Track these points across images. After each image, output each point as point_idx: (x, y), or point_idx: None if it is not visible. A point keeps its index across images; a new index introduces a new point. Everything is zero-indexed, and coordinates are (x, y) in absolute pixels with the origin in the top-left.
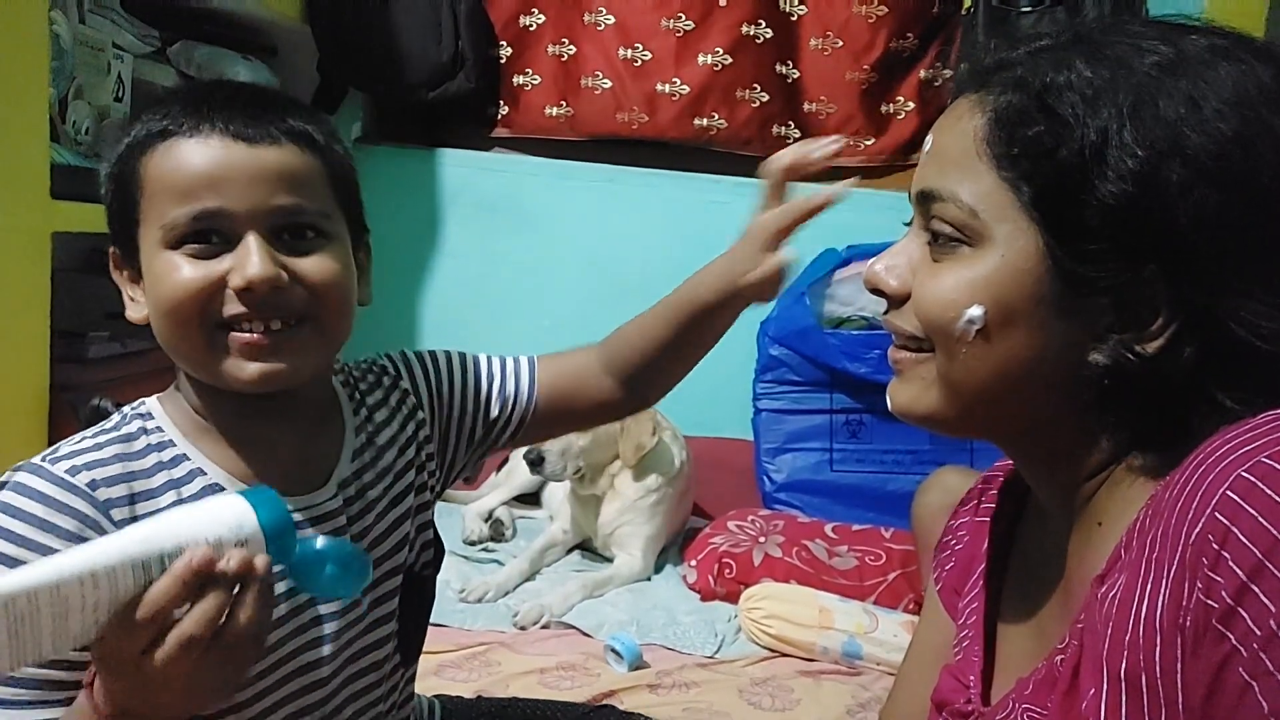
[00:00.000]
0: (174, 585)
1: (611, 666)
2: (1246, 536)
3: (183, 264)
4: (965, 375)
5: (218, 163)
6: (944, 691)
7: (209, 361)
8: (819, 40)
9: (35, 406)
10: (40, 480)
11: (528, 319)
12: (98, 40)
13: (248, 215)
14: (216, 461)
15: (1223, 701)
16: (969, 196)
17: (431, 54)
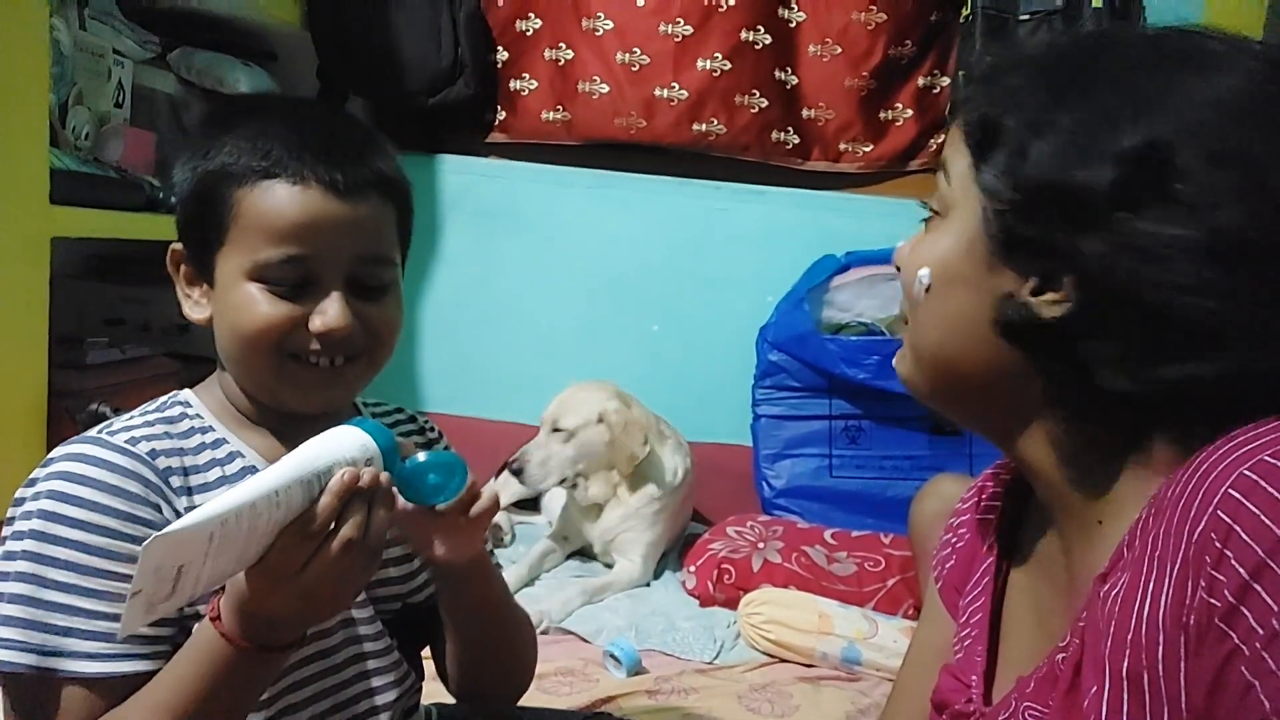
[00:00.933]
0: (335, 500)
1: (610, 672)
2: (1249, 535)
3: (264, 299)
4: (919, 337)
5: (313, 214)
6: (944, 691)
7: (273, 386)
8: (818, 47)
9: (34, 412)
10: (103, 449)
11: (526, 324)
12: (98, 46)
13: (334, 265)
14: (253, 446)
15: (1225, 700)
16: (954, 171)
17: (430, 60)
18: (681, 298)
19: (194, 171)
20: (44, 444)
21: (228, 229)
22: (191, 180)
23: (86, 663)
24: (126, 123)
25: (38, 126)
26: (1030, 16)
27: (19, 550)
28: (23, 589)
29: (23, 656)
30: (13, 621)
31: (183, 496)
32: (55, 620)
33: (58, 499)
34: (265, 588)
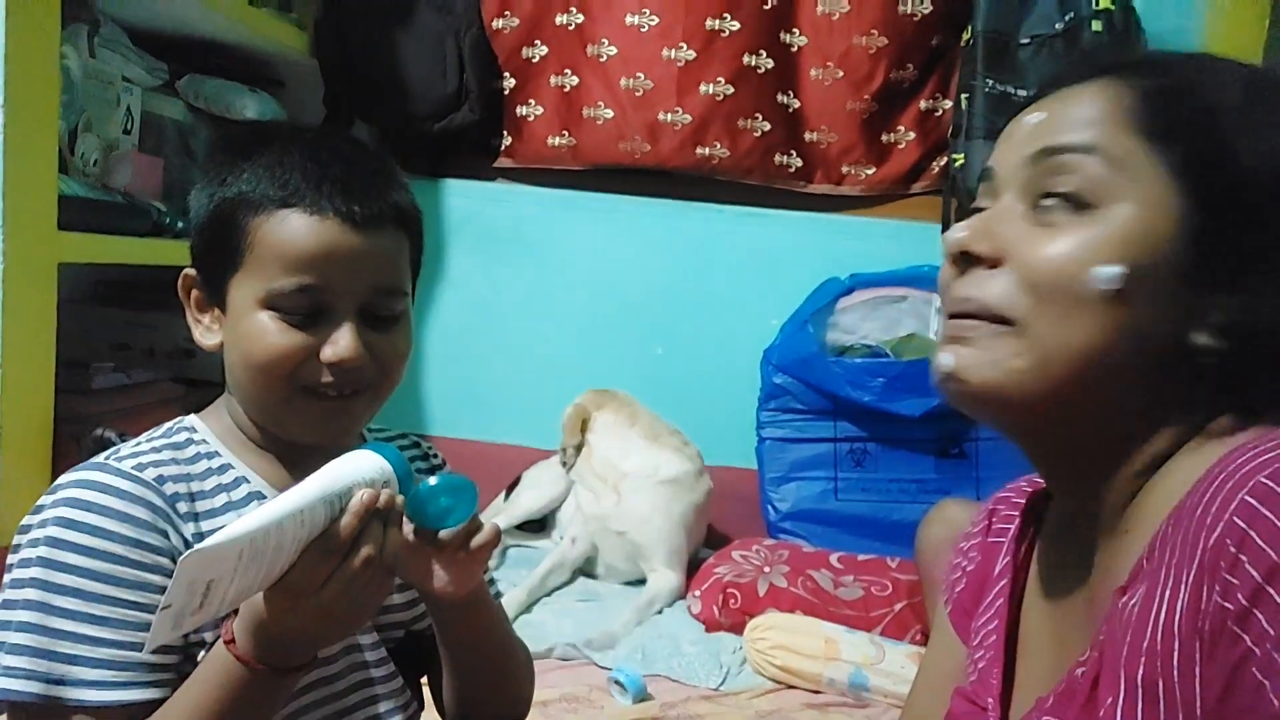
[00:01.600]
0: (356, 519)
1: (615, 699)
2: (1263, 540)
3: (276, 328)
4: (1073, 342)
5: (329, 245)
6: (957, 716)
7: (282, 417)
8: (819, 70)
9: (39, 437)
10: (110, 476)
11: (531, 347)
12: (107, 74)
13: (348, 296)
14: (259, 473)
15: (1236, 702)
16: (1114, 148)
17: (436, 86)
18: (686, 320)
19: (211, 198)
20: (50, 468)
21: (243, 256)
22: (208, 206)
23: (93, 691)
24: (135, 149)
25: (47, 153)
26: (1031, 40)
27: (27, 578)
28: (31, 617)
29: (30, 685)
30: (21, 650)
31: (189, 523)
32: (63, 648)
33: (65, 526)
34: (285, 606)
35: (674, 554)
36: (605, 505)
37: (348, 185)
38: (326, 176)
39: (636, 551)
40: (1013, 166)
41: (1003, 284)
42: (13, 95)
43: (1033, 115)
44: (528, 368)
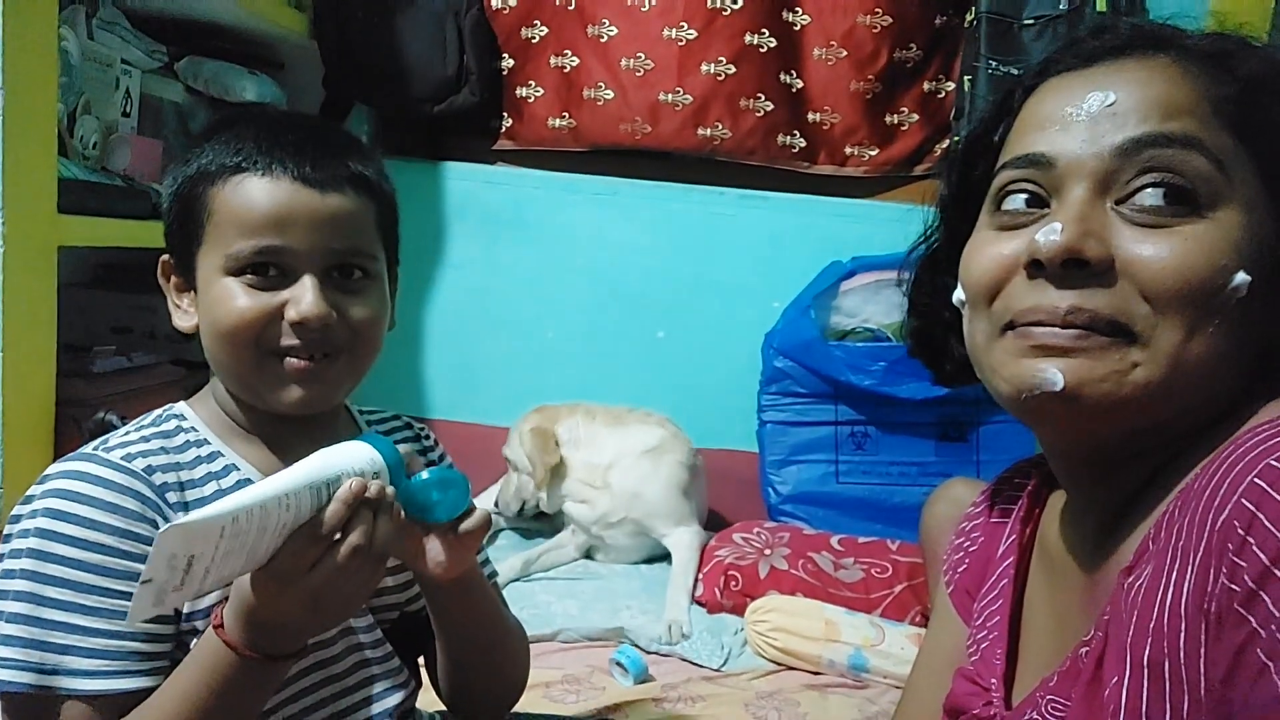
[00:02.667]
0: (343, 507)
1: (616, 680)
2: (1271, 522)
3: (241, 293)
4: (1202, 352)
5: (285, 205)
6: (959, 697)
7: (255, 383)
8: (823, 50)
9: (41, 420)
10: (99, 466)
11: (531, 330)
12: (106, 56)
13: (307, 255)
14: (248, 459)
15: (1241, 682)
16: (1213, 145)
17: (436, 68)
18: (687, 304)
19: (175, 180)
20: (51, 451)
21: (204, 228)
22: (173, 188)
23: (87, 680)
24: (134, 131)
25: (46, 135)
26: (1035, 21)
27: (17, 569)
28: (22, 608)
29: (23, 675)
30: (13, 641)
31: (179, 512)
32: (55, 638)
33: (55, 517)
34: (273, 590)
35: (679, 514)
36: (600, 506)
37: (301, 148)
38: (280, 142)
39: (641, 527)
40: (1087, 156)
41: (1120, 293)
42: (11, 78)
43: (1097, 94)
44: (528, 351)
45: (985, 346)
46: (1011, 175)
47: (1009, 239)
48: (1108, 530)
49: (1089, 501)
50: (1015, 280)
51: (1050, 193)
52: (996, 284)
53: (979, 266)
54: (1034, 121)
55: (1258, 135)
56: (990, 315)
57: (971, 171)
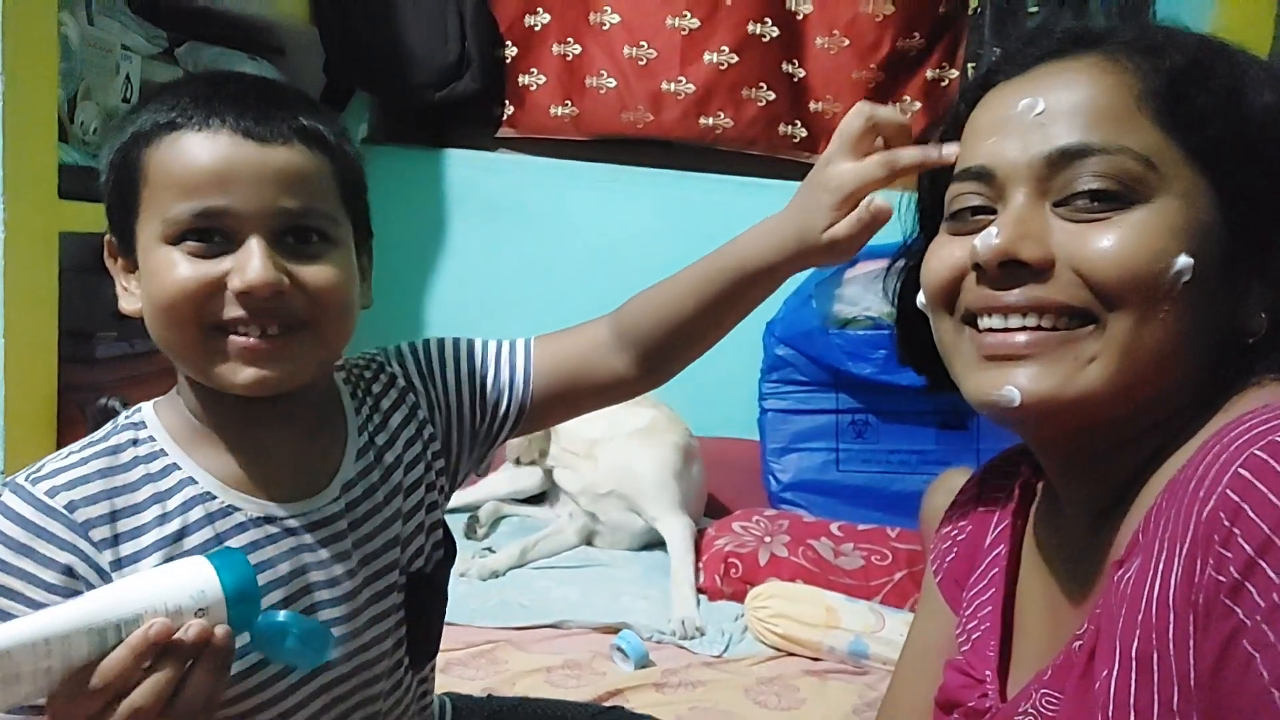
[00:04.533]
0: (129, 656)
1: (617, 665)
2: (1256, 513)
3: (181, 261)
4: (1156, 339)
5: (225, 160)
6: (952, 690)
7: (203, 364)
8: (825, 39)
9: (44, 406)
10: (20, 502)
11: (533, 319)
12: (106, 41)
13: (252, 216)
14: (210, 469)
15: (1229, 673)
16: (1140, 147)
17: (437, 55)
18: None
19: (110, 149)
20: (54, 437)
21: (139, 194)
22: (108, 159)
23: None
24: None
25: (46, 121)
26: (1039, 7)
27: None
28: None
29: None
30: None
31: (106, 550)
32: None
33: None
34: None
35: (670, 498)
36: (586, 476)
37: (242, 99)
38: (218, 95)
39: (630, 504)
40: (1021, 165)
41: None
42: (11, 64)
43: (1026, 101)
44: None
45: (951, 348)
46: (959, 188)
47: (959, 243)
48: (1098, 523)
49: (1077, 495)
50: (967, 280)
51: (995, 200)
52: (952, 284)
53: (933, 271)
54: (975, 133)
55: (1186, 126)
56: (950, 316)
57: (937, 183)
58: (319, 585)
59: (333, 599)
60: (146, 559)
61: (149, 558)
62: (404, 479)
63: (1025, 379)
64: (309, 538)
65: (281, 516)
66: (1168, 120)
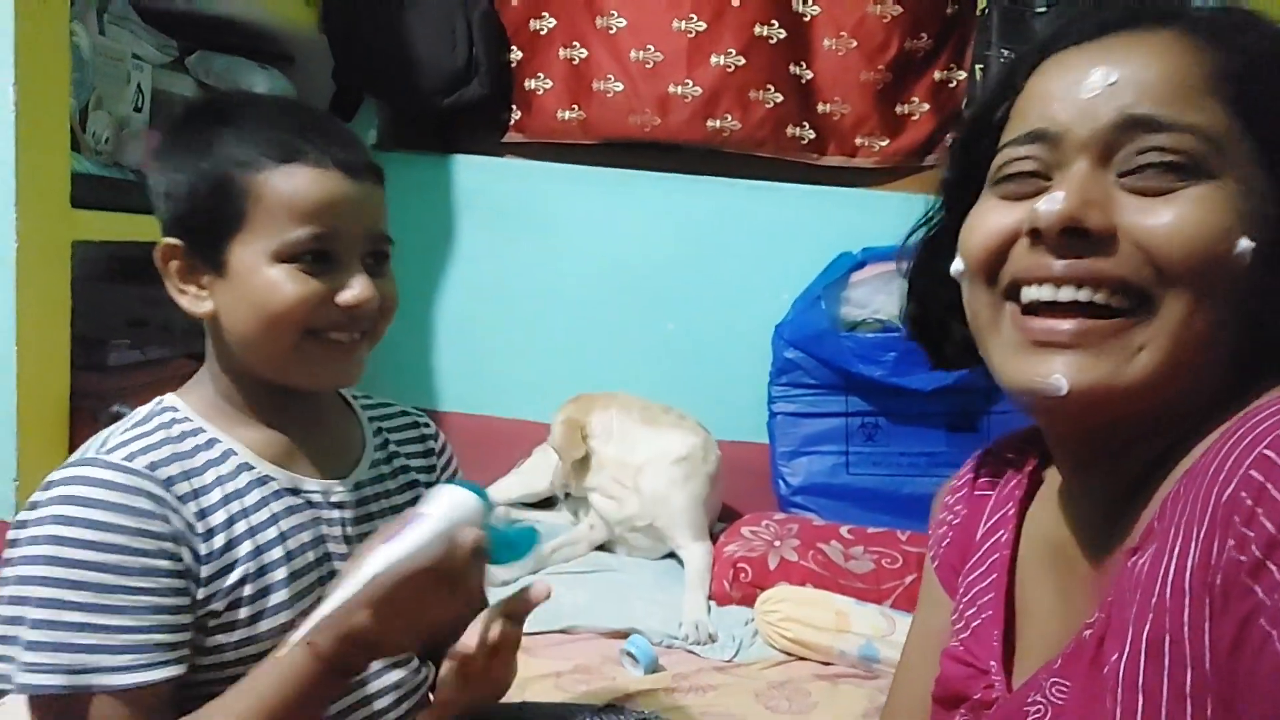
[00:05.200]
0: (467, 554)
1: (627, 670)
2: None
3: (293, 279)
4: (1206, 325)
5: (333, 194)
6: (955, 681)
7: (291, 362)
8: (833, 40)
9: (56, 413)
10: (103, 470)
11: (540, 323)
12: (117, 51)
13: (351, 242)
14: (245, 443)
15: (1245, 652)
16: (1209, 128)
17: (445, 61)
18: (697, 296)
19: (195, 168)
20: (66, 445)
21: (245, 215)
22: (193, 175)
23: (119, 675)
24: (146, 127)
25: (58, 131)
26: (1047, 8)
27: (34, 576)
28: (44, 614)
29: (56, 678)
30: (40, 646)
31: (189, 502)
32: (81, 639)
33: (64, 523)
34: (388, 617)
35: (697, 528)
36: (628, 507)
37: (340, 140)
38: (319, 132)
39: (660, 534)
40: (1087, 131)
41: (1125, 260)
42: (24, 73)
43: (1100, 70)
44: (537, 343)
45: (988, 325)
46: (1014, 152)
47: (1011, 208)
48: (1114, 514)
49: (1094, 485)
50: (1017, 248)
51: (1053, 167)
52: (999, 251)
53: (981, 233)
54: (1037, 98)
55: (1258, 112)
56: (991, 288)
57: (974, 151)
58: (336, 556)
59: None
60: (214, 513)
61: (217, 513)
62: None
63: (1073, 368)
64: (327, 513)
65: (306, 490)
66: (1239, 106)
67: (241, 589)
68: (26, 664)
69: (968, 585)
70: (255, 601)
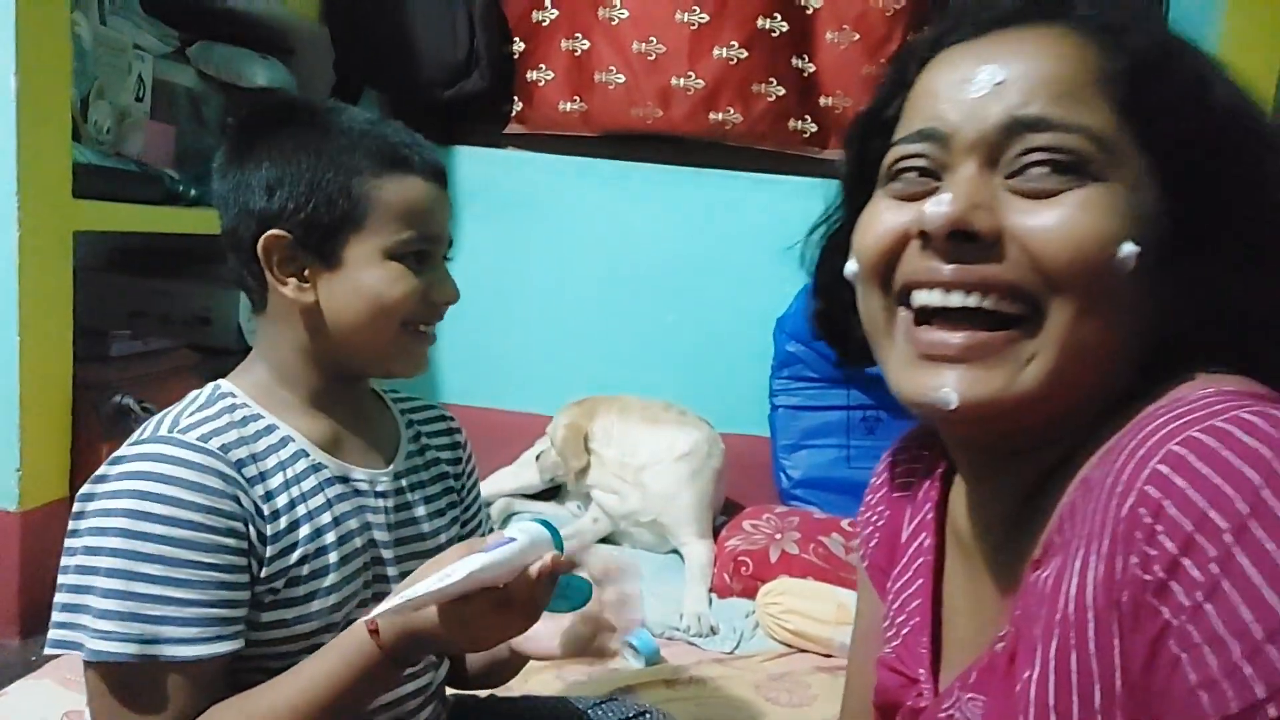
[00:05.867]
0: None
1: (629, 662)
2: (1178, 509)
3: (404, 275)
4: (1095, 331)
5: (433, 201)
6: (889, 690)
7: (390, 353)
8: (835, 33)
9: (59, 403)
10: (178, 449)
11: (542, 315)
12: (118, 41)
13: (440, 243)
14: (300, 430)
15: (1158, 674)
16: (1097, 128)
17: (446, 52)
18: (698, 288)
19: (312, 171)
20: (69, 435)
21: (366, 215)
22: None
23: (184, 647)
24: (147, 117)
25: (60, 121)
26: None
27: (106, 547)
28: (116, 584)
29: (126, 646)
30: (111, 615)
31: (257, 485)
32: (150, 610)
33: (141, 498)
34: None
35: (702, 524)
36: (631, 503)
37: (429, 149)
38: (415, 143)
39: (664, 530)
40: (974, 132)
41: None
42: (25, 64)
43: (989, 68)
44: (538, 335)
45: (882, 332)
46: (904, 150)
47: (902, 209)
48: (1014, 520)
49: (995, 491)
50: (908, 250)
51: (942, 168)
52: (890, 253)
53: (873, 235)
54: (927, 96)
55: (1143, 113)
56: (884, 291)
57: (868, 148)
58: (380, 543)
59: (389, 558)
60: (278, 496)
61: (280, 496)
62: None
63: (963, 382)
64: (372, 502)
65: (354, 479)
66: (1127, 105)
67: (300, 569)
68: (97, 631)
69: (896, 591)
70: (310, 582)
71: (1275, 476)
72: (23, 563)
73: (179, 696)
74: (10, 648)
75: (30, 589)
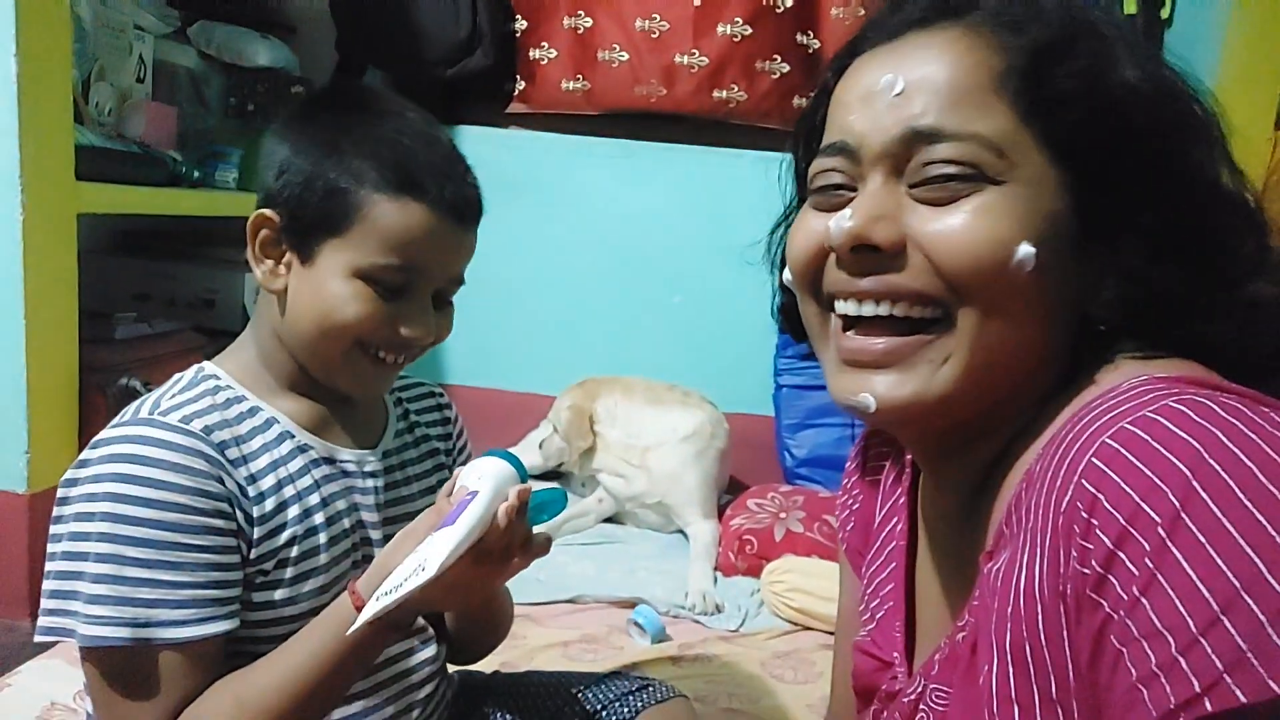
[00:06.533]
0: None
1: (635, 640)
2: (1112, 504)
3: (364, 298)
4: (1006, 330)
5: (433, 235)
6: (867, 675)
7: (335, 369)
8: (840, 9)
9: (65, 386)
10: (161, 430)
11: (546, 295)
12: (119, 22)
13: (430, 279)
14: (284, 412)
15: (1103, 666)
16: (991, 134)
17: (449, 31)
18: (703, 268)
19: (319, 162)
20: (76, 418)
21: (350, 225)
22: (314, 167)
23: (178, 629)
24: (148, 98)
25: (61, 103)
26: None
27: (93, 533)
28: (106, 569)
29: (120, 630)
30: (103, 600)
31: (240, 467)
32: (142, 594)
33: (125, 481)
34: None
35: (707, 504)
36: (636, 485)
37: (458, 181)
38: (439, 169)
39: (670, 511)
40: (879, 144)
41: (916, 273)
42: (26, 45)
43: (886, 79)
44: (542, 316)
45: (818, 337)
46: (822, 164)
47: (823, 220)
48: (967, 510)
49: (947, 481)
50: (829, 261)
51: (855, 179)
52: (813, 265)
53: (798, 247)
54: (840, 106)
55: (1042, 111)
56: (816, 298)
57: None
58: (368, 524)
59: (378, 539)
60: (264, 478)
61: (266, 478)
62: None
63: (881, 386)
64: (360, 482)
65: (341, 460)
66: (1024, 104)
67: (290, 550)
68: (90, 616)
69: (871, 575)
70: (300, 563)
71: (1204, 465)
72: (32, 544)
73: (178, 678)
74: (21, 628)
75: (40, 570)
